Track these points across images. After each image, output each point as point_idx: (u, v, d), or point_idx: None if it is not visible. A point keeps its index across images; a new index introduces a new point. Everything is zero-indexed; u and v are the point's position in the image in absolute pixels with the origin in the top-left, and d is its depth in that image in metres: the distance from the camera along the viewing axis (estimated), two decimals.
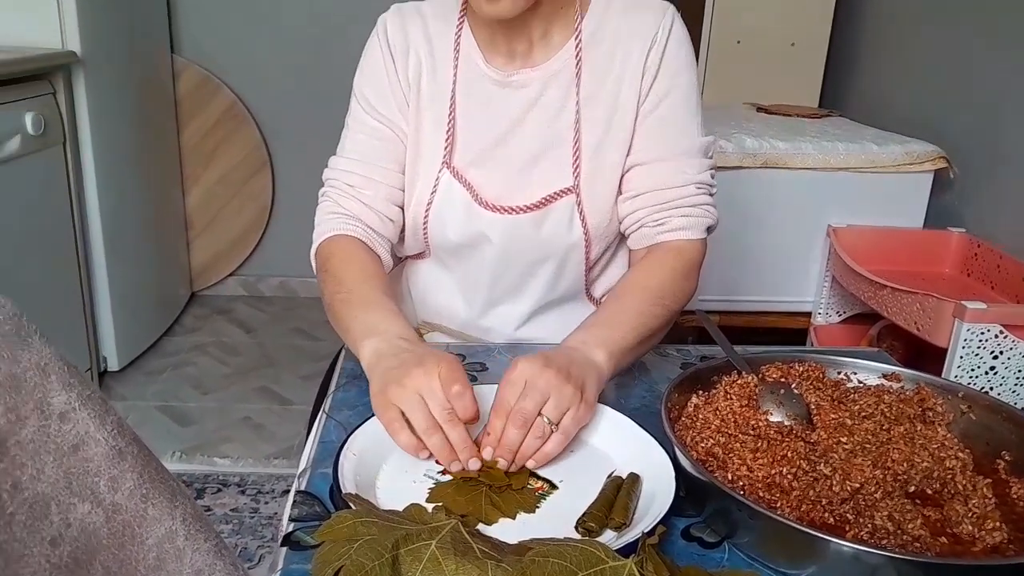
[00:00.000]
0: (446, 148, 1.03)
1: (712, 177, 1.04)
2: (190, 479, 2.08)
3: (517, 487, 0.74)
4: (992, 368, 1.43)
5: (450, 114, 1.03)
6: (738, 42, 2.47)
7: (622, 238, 1.11)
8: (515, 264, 1.07)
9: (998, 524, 0.67)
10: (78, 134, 2.29)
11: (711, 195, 1.04)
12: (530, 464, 0.76)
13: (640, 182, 1.02)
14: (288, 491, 2.01)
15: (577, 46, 1.00)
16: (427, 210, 1.05)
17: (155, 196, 2.81)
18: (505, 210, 1.03)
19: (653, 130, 1.01)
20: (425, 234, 1.07)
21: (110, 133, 2.41)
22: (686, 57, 1.02)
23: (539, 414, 0.76)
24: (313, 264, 1.06)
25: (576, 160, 1.01)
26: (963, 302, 1.41)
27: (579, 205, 1.02)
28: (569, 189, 1.02)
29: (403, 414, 0.76)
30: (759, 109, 2.38)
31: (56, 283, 2.24)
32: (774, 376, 0.87)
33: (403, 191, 1.06)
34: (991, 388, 1.44)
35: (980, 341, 1.41)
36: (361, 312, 0.92)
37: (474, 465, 0.75)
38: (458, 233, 1.05)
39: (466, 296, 1.13)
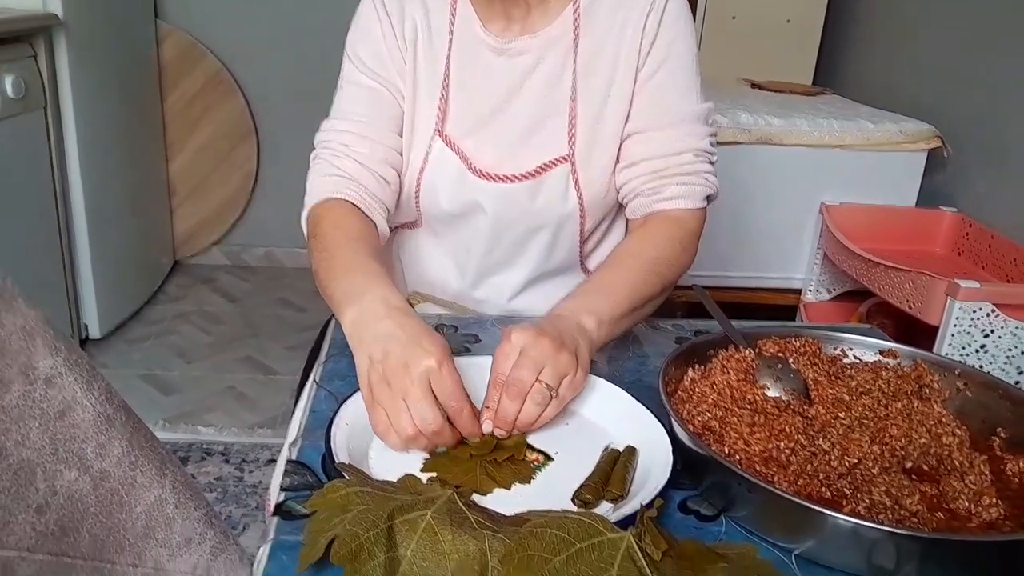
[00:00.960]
0: (438, 116, 1.01)
1: (712, 145, 1.02)
2: (174, 448, 2.06)
3: (518, 457, 0.74)
4: (983, 346, 1.44)
5: (444, 81, 1.00)
6: (733, 18, 2.45)
7: (619, 211, 1.09)
8: (508, 234, 1.06)
9: (994, 500, 0.68)
10: (59, 98, 2.24)
11: (711, 163, 1.02)
12: (520, 427, 0.75)
13: (637, 150, 1.01)
14: (273, 460, 2.01)
15: (575, 12, 0.98)
16: (419, 178, 1.03)
17: (138, 163, 2.76)
18: (499, 178, 1.01)
19: (651, 97, 1.00)
20: (417, 202, 1.05)
21: (92, 98, 2.36)
22: (685, 24, 1.00)
23: (537, 380, 0.74)
24: (304, 230, 1.01)
25: (572, 129, 1.00)
26: (956, 280, 1.41)
27: (574, 175, 1.01)
28: (564, 158, 1.00)
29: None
30: (753, 85, 2.36)
31: (37, 249, 2.21)
32: (771, 351, 0.86)
33: (399, 153, 1.03)
34: (981, 366, 1.44)
35: (972, 319, 1.41)
36: (343, 277, 0.86)
37: (487, 428, 0.74)
38: (451, 202, 1.03)
39: (459, 266, 1.11)
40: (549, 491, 0.70)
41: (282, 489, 0.67)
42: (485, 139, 1.02)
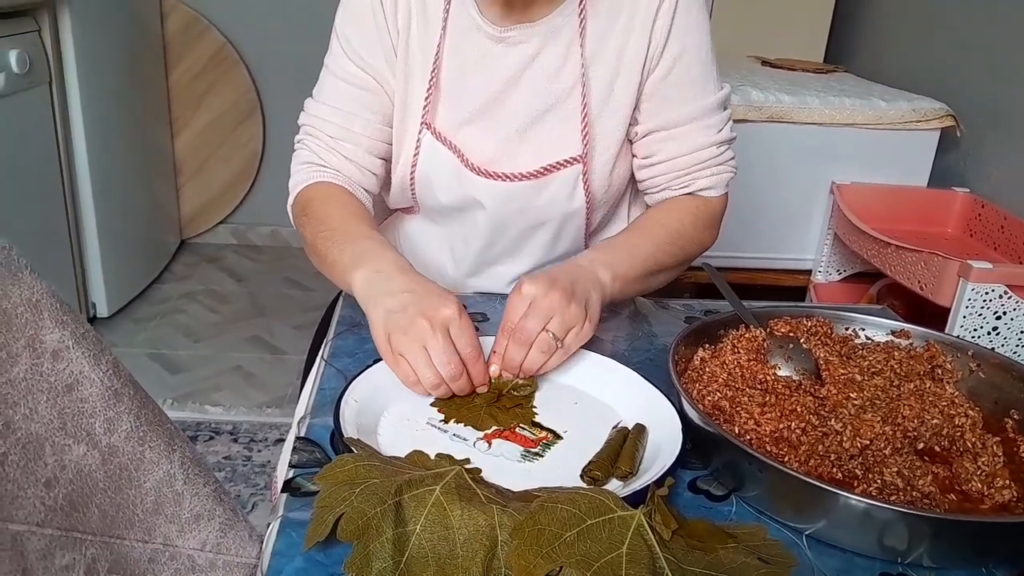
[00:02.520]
0: (426, 108, 0.97)
1: (731, 129, 1.01)
2: (182, 426, 2.06)
3: (525, 408, 0.77)
4: (995, 328, 1.42)
5: (433, 71, 0.96)
6: None
7: (623, 196, 1.08)
8: (509, 229, 1.03)
9: (1007, 482, 0.67)
10: (64, 73, 2.22)
11: (731, 147, 1.01)
12: (525, 372, 0.78)
13: (661, 148, 0.99)
14: (281, 440, 2.01)
15: (581, 1, 0.93)
16: (412, 171, 1.00)
17: (143, 140, 2.75)
18: (499, 176, 0.98)
19: (669, 94, 0.97)
20: (413, 193, 1.03)
21: (97, 73, 2.34)
22: (698, 12, 0.96)
23: (544, 330, 0.76)
24: (291, 214, 1.01)
25: (585, 128, 0.96)
26: (969, 261, 1.40)
27: (584, 175, 0.98)
28: (577, 158, 0.97)
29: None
30: (764, 63, 2.33)
31: (43, 227, 2.20)
32: (782, 331, 0.86)
33: (386, 144, 1.01)
34: (993, 348, 1.43)
35: (984, 301, 1.40)
36: (347, 244, 0.88)
37: (482, 390, 0.78)
38: (448, 196, 1.01)
39: (458, 256, 1.09)
40: (558, 469, 0.69)
41: (291, 466, 0.67)
42: (480, 132, 0.98)
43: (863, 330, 0.88)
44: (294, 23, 2.94)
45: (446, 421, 0.75)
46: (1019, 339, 1.43)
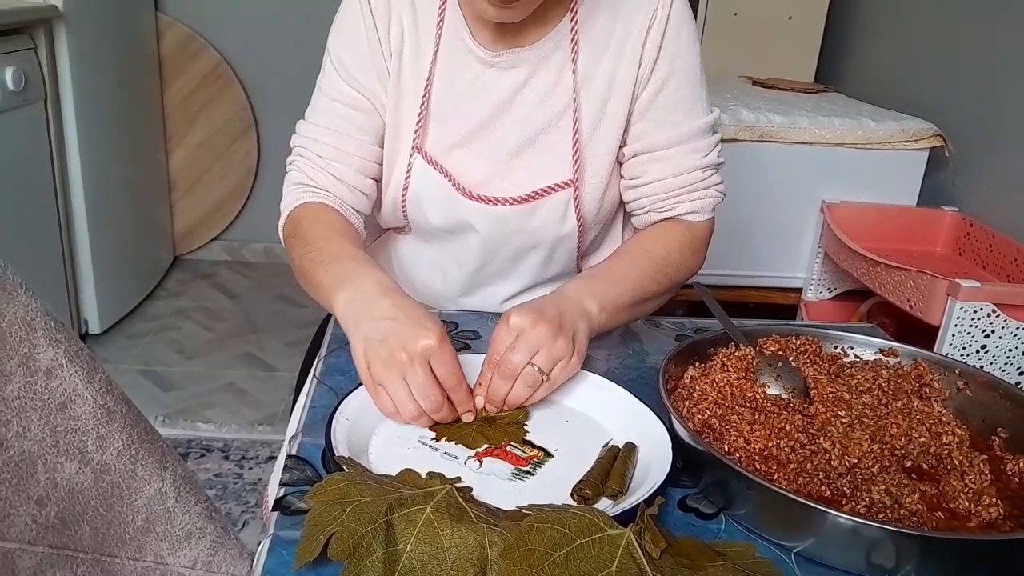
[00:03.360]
0: (416, 132, 0.97)
1: (719, 154, 1.00)
2: (173, 443, 2.06)
3: (516, 436, 0.77)
4: (983, 347, 1.44)
5: (424, 95, 0.95)
6: (735, 14, 2.44)
7: (614, 217, 1.08)
8: (502, 252, 1.03)
9: (994, 500, 0.67)
10: (60, 91, 2.23)
11: (718, 172, 1.01)
12: (510, 405, 0.78)
13: (647, 169, 0.98)
14: (273, 457, 2.00)
15: (573, 26, 0.93)
16: (404, 193, 0.99)
17: (138, 157, 2.75)
18: (490, 200, 0.97)
19: (657, 116, 0.97)
20: (405, 215, 1.02)
21: (92, 91, 2.35)
22: (688, 36, 0.96)
23: (530, 363, 0.76)
24: (281, 236, 1.01)
25: (576, 152, 0.96)
26: (957, 280, 1.41)
27: (576, 199, 0.98)
28: (567, 183, 0.97)
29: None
30: (755, 83, 2.36)
31: (36, 243, 2.20)
32: (771, 349, 0.86)
33: (378, 164, 1.00)
34: (982, 367, 1.44)
35: (972, 319, 1.41)
36: (331, 265, 0.87)
37: (468, 418, 0.77)
38: (440, 219, 1.01)
39: (450, 277, 1.08)
40: (549, 487, 0.70)
41: (282, 484, 0.67)
42: (471, 156, 0.98)
43: (851, 348, 0.88)
44: (290, 42, 2.96)
45: (437, 439, 0.75)
46: (1007, 357, 1.45)
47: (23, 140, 2.10)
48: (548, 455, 0.74)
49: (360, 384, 0.78)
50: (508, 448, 0.75)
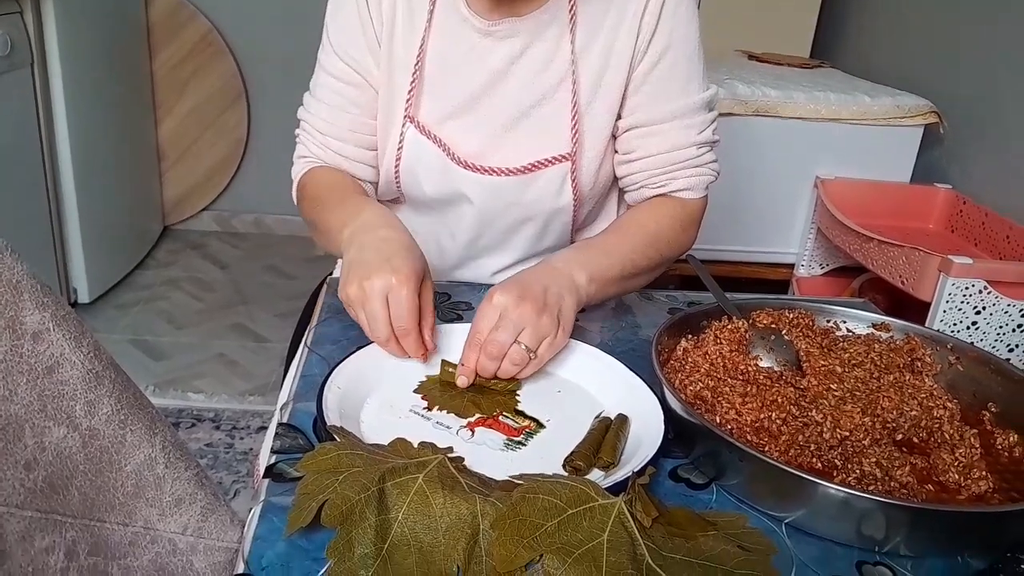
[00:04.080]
0: (409, 101, 0.96)
1: (714, 131, 0.99)
2: (163, 413, 2.05)
3: (508, 407, 0.77)
4: (974, 323, 1.44)
5: (417, 64, 0.95)
6: None
7: (609, 191, 1.08)
8: (497, 224, 1.03)
9: (984, 473, 0.68)
10: (46, 56, 2.19)
11: (713, 150, 1.00)
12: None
13: (640, 144, 0.98)
14: (263, 428, 2.00)
15: None
16: (397, 164, 0.99)
17: (126, 125, 2.72)
18: (485, 171, 0.97)
19: (653, 90, 0.95)
20: (398, 185, 1.02)
21: (79, 57, 2.31)
22: (686, 10, 0.94)
23: (516, 341, 0.76)
24: (294, 199, 1.04)
25: (575, 125, 0.95)
26: (950, 256, 1.41)
27: (573, 173, 0.97)
28: (565, 156, 0.96)
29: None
30: (750, 57, 2.34)
31: (24, 211, 2.18)
32: (764, 322, 0.86)
33: (375, 137, 1.01)
34: (972, 343, 1.45)
35: (964, 296, 1.42)
36: (336, 207, 0.91)
37: (462, 383, 0.78)
38: (434, 189, 1.00)
39: (443, 247, 1.08)
40: (541, 458, 0.70)
41: (273, 451, 0.67)
42: (466, 127, 0.97)
43: (844, 323, 0.88)
44: (281, 10, 2.92)
45: (429, 409, 0.75)
46: (998, 334, 1.45)
47: (9, 106, 2.07)
48: (540, 426, 0.74)
49: (352, 352, 0.78)
50: (500, 418, 0.74)
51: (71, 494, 0.49)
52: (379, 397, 0.75)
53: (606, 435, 0.71)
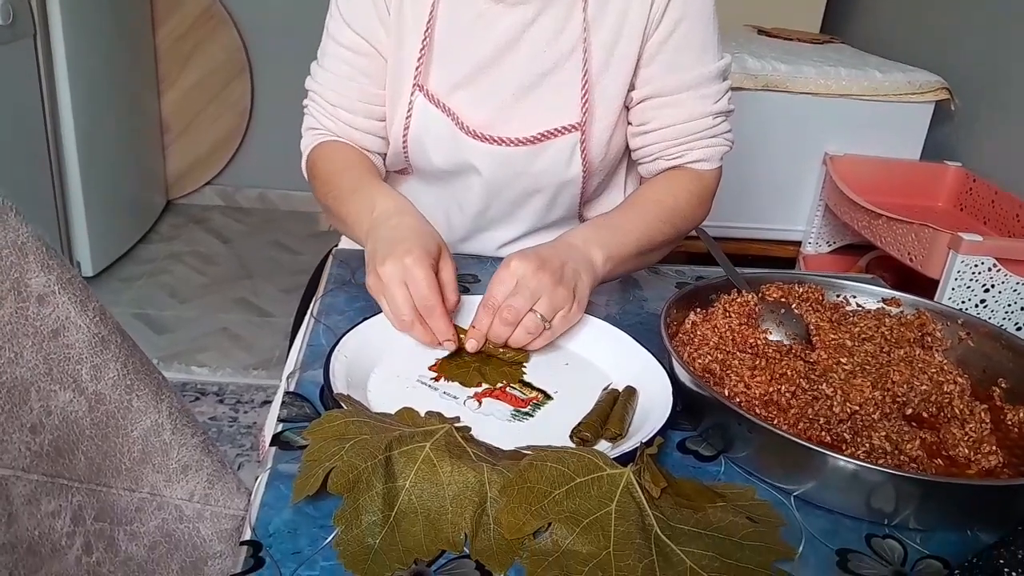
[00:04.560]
0: (418, 69, 0.95)
1: (729, 101, 0.98)
2: None
3: (514, 379, 0.76)
4: (983, 301, 1.43)
5: (426, 31, 0.94)
6: None
7: (618, 165, 1.06)
8: (504, 194, 1.02)
9: (994, 448, 0.67)
10: (49, 27, 2.17)
11: (728, 119, 0.99)
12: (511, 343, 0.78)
13: (656, 115, 0.96)
14: (268, 402, 2.01)
15: None
16: (405, 133, 0.98)
17: (129, 98, 2.70)
18: (495, 140, 0.96)
19: (668, 59, 0.94)
20: (406, 155, 1.01)
21: (82, 27, 2.29)
22: None
23: (531, 310, 0.76)
24: (305, 174, 1.04)
25: (585, 95, 0.94)
26: (959, 233, 1.40)
27: (583, 143, 0.96)
28: (575, 126, 0.95)
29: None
30: (760, 31, 2.31)
31: (27, 183, 2.17)
32: (774, 296, 0.85)
33: (384, 107, 0.99)
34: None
35: (973, 273, 1.41)
36: (351, 198, 0.91)
37: (449, 347, 0.77)
38: (443, 159, 1.00)
39: (450, 221, 1.08)
40: (548, 429, 0.69)
41: (280, 420, 0.66)
42: (476, 95, 0.96)
43: (854, 297, 0.88)
44: None
45: (436, 379, 0.75)
46: (1006, 312, 1.44)
47: (12, 76, 2.06)
48: (548, 397, 0.74)
49: (359, 322, 0.78)
50: (508, 389, 0.74)
51: (77, 458, 0.49)
52: (386, 367, 0.75)
53: (614, 407, 0.71)
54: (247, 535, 0.54)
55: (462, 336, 0.78)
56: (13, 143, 2.08)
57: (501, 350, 0.78)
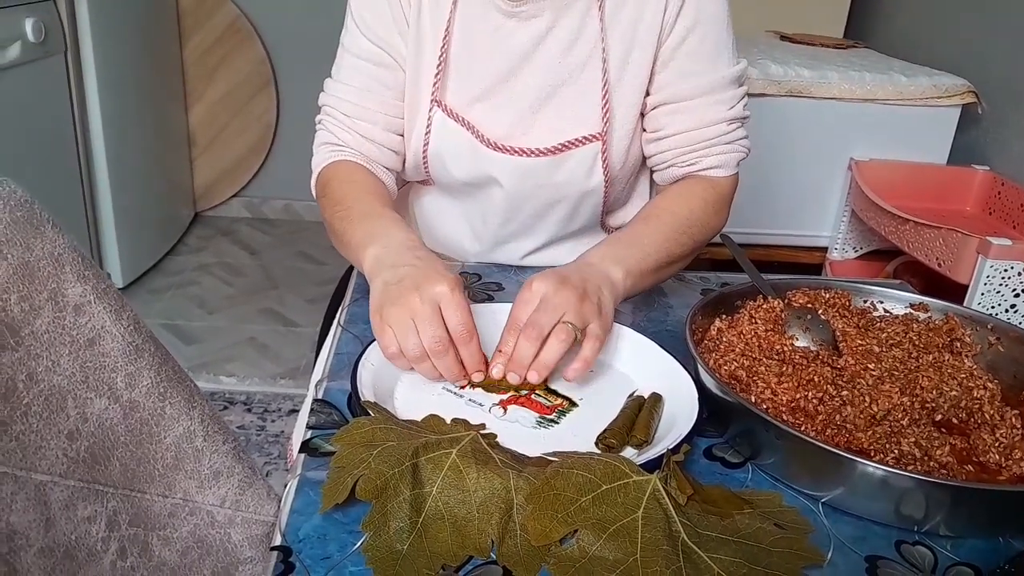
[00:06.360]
0: (436, 85, 0.95)
1: (745, 107, 0.97)
2: None
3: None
4: (1013, 306, 1.41)
5: (443, 46, 0.94)
6: None
7: (639, 171, 1.06)
8: (526, 206, 1.02)
9: None
10: (79, 44, 2.22)
11: (744, 126, 0.98)
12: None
13: (669, 121, 0.96)
14: (295, 411, 2.03)
15: None
16: (425, 148, 0.98)
17: (157, 112, 2.75)
18: (516, 152, 0.96)
19: (681, 65, 0.94)
20: (426, 169, 1.01)
21: (112, 43, 2.34)
22: None
23: (560, 321, 0.73)
24: (314, 192, 1.01)
25: (605, 103, 0.94)
26: (988, 238, 1.39)
27: (604, 152, 0.96)
28: (596, 136, 0.95)
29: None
30: (783, 37, 2.31)
31: (58, 197, 2.21)
32: (800, 302, 0.85)
33: (403, 119, 0.99)
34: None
35: (1003, 278, 1.39)
36: (360, 223, 0.87)
37: (477, 378, 0.74)
38: (463, 173, 0.99)
39: (475, 232, 1.07)
40: (573, 436, 0.69)
41: (308, 427, 0.67)
42: (494, 108, 0.96)
43: (881, 303, 0.87)
44: None
45: (462, 387, 0.75)
46: None
47: (44, 92, 2.10)
48: (573, 404, 0.74)
49: None
50: (533, 396, 0.74)
51: (112, 465, 0.50)
52: (413, 375, 0.75)
53: (639, 413, 0.71)
54: (277, 540, 0.55)
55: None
56: (45, 157, 2.13)
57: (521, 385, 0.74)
